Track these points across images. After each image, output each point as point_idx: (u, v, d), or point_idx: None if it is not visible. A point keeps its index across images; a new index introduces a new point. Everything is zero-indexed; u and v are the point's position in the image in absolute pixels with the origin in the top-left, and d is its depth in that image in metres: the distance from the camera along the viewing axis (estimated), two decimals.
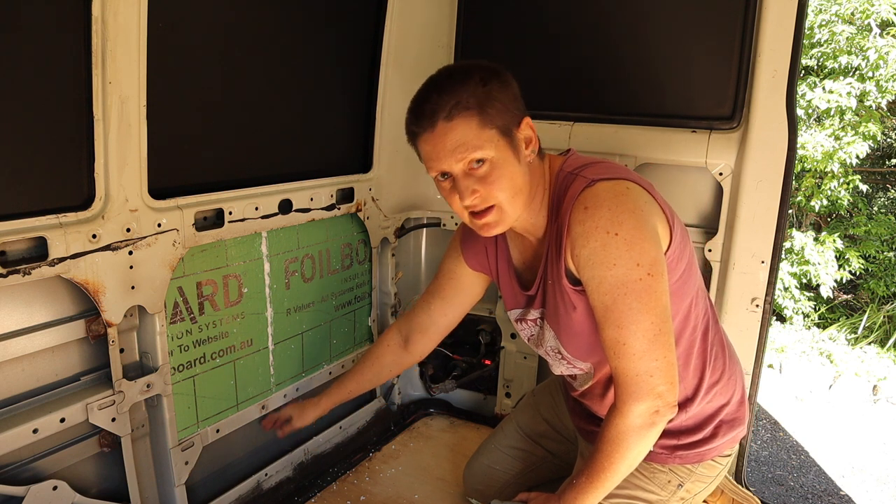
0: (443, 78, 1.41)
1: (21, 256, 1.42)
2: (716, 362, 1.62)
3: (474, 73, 1.38)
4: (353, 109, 2.36)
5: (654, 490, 1.65)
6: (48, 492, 1.51)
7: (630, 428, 1.39)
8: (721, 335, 1.68)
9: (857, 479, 3.69)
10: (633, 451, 1.41)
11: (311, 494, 2.18)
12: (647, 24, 2.26)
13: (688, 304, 1.53)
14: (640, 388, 1.37)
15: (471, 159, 1.37)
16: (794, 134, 2.01)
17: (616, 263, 1.33)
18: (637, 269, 1.32)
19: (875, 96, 6.02)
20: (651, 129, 2.27)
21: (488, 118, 1.36)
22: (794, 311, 6.28)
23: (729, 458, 1.70)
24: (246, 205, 1.90)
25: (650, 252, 1.34)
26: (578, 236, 1.37)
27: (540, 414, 2.04)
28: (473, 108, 1.35)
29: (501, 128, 1.38)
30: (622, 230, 1.33)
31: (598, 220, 1.34)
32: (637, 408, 1.38)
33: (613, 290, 1.34)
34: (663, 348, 1.36)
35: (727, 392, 1.64)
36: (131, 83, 1.49)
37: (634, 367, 1.36)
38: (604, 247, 1.33)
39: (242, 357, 2.02)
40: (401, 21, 2.35)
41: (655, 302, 1.34)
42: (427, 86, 1.42)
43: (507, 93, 1.40)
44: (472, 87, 1.36)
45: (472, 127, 1.36)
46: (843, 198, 6.40)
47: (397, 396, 2.75)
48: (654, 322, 1.35)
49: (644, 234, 1.34)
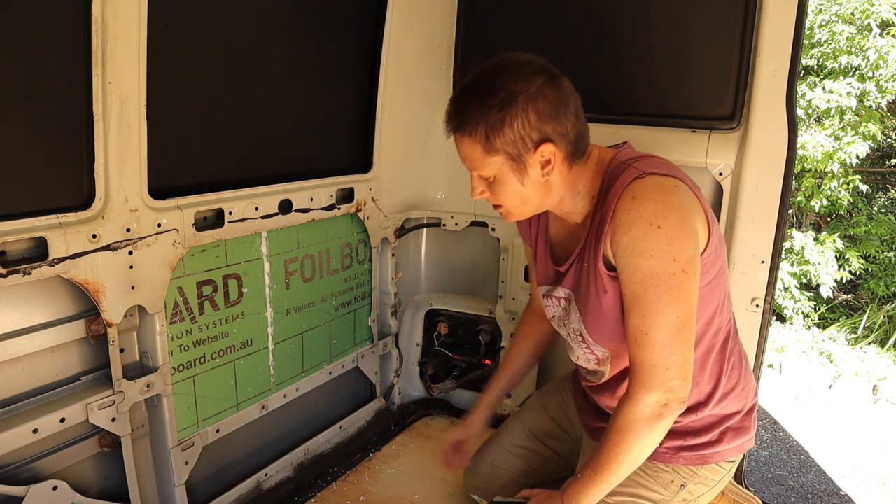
0: (477, 81, 1.41)
1: (21, 256, 1.42)
2: (732, 372, 1.64)
3: (500, 89, 1.36)
4: (353, 109, 2.36)
5: (657, 489, 1.65)
6: (48, 492, 1.51)
7: (639, 417, 1.41)
8: (740, 347, 1.71)
9: (857, 479, 3.69)
10: (640, 442, 1.42)
11: (311, 494, 2.18)
12: (647, 24, 2.26)
13: (713, 310, 1.55)
14: (655, 379, 1.39)
15: (477, 171, 1.46)
16: (794, 134, 2.01)
17: (654, 255, 1.35)
18: (673, 263, 1.35)
19: (875, 96, 6.02)
20: (651, 129, 2.27)
21: (493, 147, 1.39)
22: (794, 311, 6.29)
23: (733, 464, 1.70)
24: (246, 205, 1.90)
25: (688, 250, 1.36)
26: (622, 223, 1.39)
27: (547, 413, 2.04)
28: (479, 135, 1.38)
29: (509, 155, 1.40)
30: (665, 224, 1.35)
31: (643, 211, 1.36)
32: (648, 398, 1.40)
33: (646, 280, 1.37)
34: (683, 344, 1.38)
35: (738, 402, 1.66)
36: (131, 83, 1.50)
37: (653, 358, 1.39)
38: (644, 237, 1.36)
39: (242, 357, 2.02)
40: (401, 21, 2.35)
41: (684, 298, 1.37)
42: (468, 82, 1.43)
43: (531, 115, 1.37)
44: (488, 109, 1.36)
45: (476, 150, 1.41)
46: (843, 198, 6.40)
47: (397, 396, 2.75)
48: (679, 317, 1.37)
49: (685, 232, 1.36)
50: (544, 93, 1.37)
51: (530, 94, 1.36)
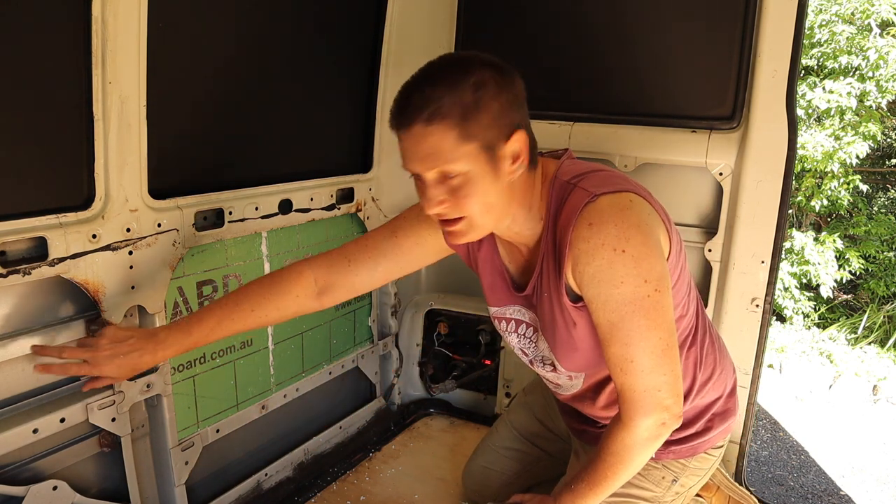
0: (437, 70, 1.28)
1: (21, 256, 1.41)
2: (706, 359, 1.61)
3: (473, 72, 1.24)
4: (353, 109, 2.36)
5: (649, 487, 1.65)
6: (48, 492, 1.51)
7: (636, 442, 1.38)
8: (711, 333, 1.66)
9: (857, 479, 3.68)
10: (637, 461, 1.41)
11: (311, 494, 2.18)
12: (647, 24, 2.26)
13: (681, 308, 1.52)
14: (648, 403, 1.35)
15: (442, 171, 1.27)
16: (794, 134, 2.01)
17: (623, 281, 1.28)
18: (645, 285, 1.29)
19: (875, 96, 6.02)
20: (651, 129, 2.27)
21: (469, 132, 1.23)
22: (794, 311, 6.28)
23: (721, 449, 1.70)
24: (246, 205, 1.90)
25: (656, 267, 1.30)
26: (582, 253, 1.31)
27: (534, 414, 2.03)
28: (455, 119, 1.22)
29: (484, 143, 1.25)
30: (629, 246, 1.27)
31: (604, 237, 1.28)
32: (644, 422, 1.36)
33: (621, 308, 1.30)
34: (671, 362, 1.34)
35: (719, 387, 1.65)
36: (131, 83, 1.49)
37: (643, 383, 1.33)
38: (610, 265, 1.28)
39: (242, 357, 2.02)
40: (401, 21, 2.35)
41: (663, 318, 1.32)
42: (420, 74, 1.28)
43: (501, 100, 1.26)
44: (461, 91, 1.22)
45: (449, 139, 1.23)
46: (843, 198, 6.40)
47: (397, 396, 2.75)
48: (662, 338, 1.32)
49: (650, 249, 1.30)
50: (508, 80, 1.29)
51: (497, 80, 1.26)
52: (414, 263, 1.67)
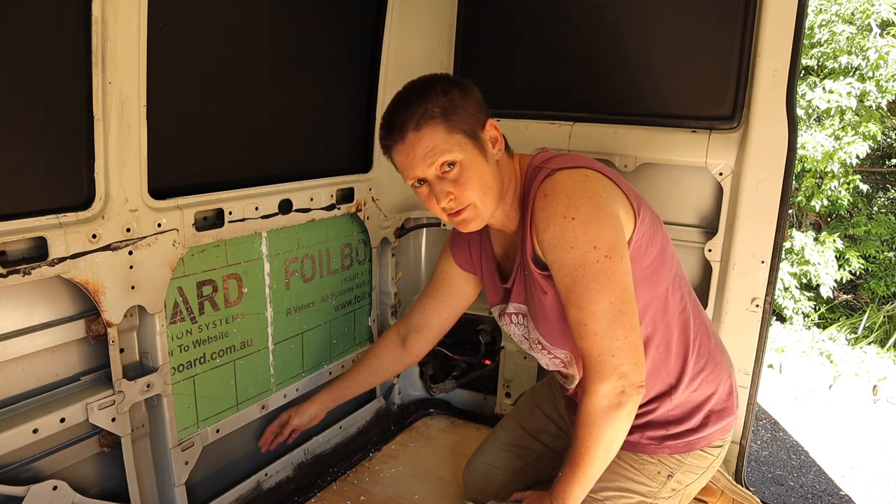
0: (407, 93, 1.51)
1: (21, 256, 1.41)
2: (700, 350, 1.65)
3: (436, 85, 1.47)
4: (353, 109, 2.36)
5: (644, 481, 1.66)
6: (48, 492, 1.51)
7: (597, 409, 1.42)
8: (706, 325, 1.71)
9: (857, 479, 3.69)
10: (606, 433, 1.43)
11: (311, 494, 2.18)
12: (646, 24, 2.26)
13: (664, 291, 1.57)
14: (604, 368, 1.41)
15: (441, 162, 1.46)
16: (794, 134, 2.01)
17: (573, 246, 1.39)
18: (594, 251, 1.38)
19: (875, 96, 6.02)
20: (651, 129, 2.27)
21: (453, 123, 1.45)
22: (794, 311, 6.29)
23: (720, 449, 1.71)
24: (246, 205, 1.91)
25: (607, 235, 1.40)
26: (540, 222, 1.46)
27: (540, 409, 2.05)
28: (439, 116, 1.44)
29: (467, 131, 1.47)
30: (578, 214, 1.40)
31: (556, 206, 1.42)
32: (602, 388, 1.41)
33: (573, 272, 1.41)
34: (624, 328, 1.40)
35: (714, 381, 1.67)
36: (131, 83, 1.49)
37: (597, 348, 1.41)
38: (562, 231, 1.41)
39: (242, 357, 2.02)
40: (401, 21, 2.35)
41: (614, 283, 1.39)
42: (394, 102, 1.51)
43: (469, 99, 1.49)
44: (434, 98, 1.45)
45: (440, 133, 1.44)
46: (843, 198, 6.41)
47: (397, 396, 2.75)
48: (613, 303, 1.39)
49: (600, 217, 1.40)
50: (468, 86, 1.53)
51: (459, 86, 1.50)
52: (457, 302, 1.97)
